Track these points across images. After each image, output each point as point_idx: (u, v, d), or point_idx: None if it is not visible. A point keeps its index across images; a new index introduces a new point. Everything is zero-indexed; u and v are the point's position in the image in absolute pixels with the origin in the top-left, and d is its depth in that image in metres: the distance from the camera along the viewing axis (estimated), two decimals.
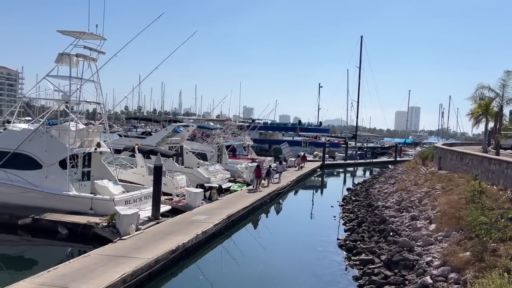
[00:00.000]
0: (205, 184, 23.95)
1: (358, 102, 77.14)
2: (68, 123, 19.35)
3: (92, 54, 19.52)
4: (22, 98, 24.21)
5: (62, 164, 18.27)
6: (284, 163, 37.07)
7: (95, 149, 19.94)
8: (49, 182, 18.03)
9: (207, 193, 22.76)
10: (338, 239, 17.74)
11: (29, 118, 30.41)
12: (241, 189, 27.43)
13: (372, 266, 13.27)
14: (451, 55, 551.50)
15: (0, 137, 19.69)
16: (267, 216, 24.06)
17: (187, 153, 29.84)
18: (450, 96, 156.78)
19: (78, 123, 20.14)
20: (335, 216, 23.02)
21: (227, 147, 36.30)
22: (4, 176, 18.36)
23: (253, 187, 26.99)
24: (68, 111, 19.90)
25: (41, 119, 19.89)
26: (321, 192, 37.60)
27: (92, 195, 18.26)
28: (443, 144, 39.52)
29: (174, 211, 19.64)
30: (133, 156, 25.51)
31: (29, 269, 12.64)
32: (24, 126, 20.19)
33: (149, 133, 38.59)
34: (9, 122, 28.14)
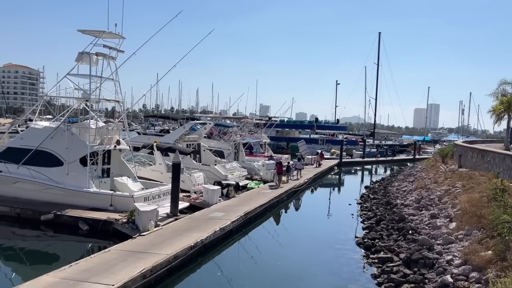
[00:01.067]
0: (222, 181, 24.07)
1: (376, 99, 76.49)
2: (88, 121, 19.68)
3: (112, 53, 19.76)
4: (43, 97, 24.67)
5: (83, 161, 18.60)
6: (301, 160, 37.16)
7: (115, 146, 20.22)
8: (70, 179, 18.38)
9: (225, 190, 22.88)
10: (356, 237, 17.61)
11: (50, 116, 31.02)
12: (258, 187, 27.47)
13: (391, 264, 13.14)
14: (472, 51, 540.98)
15: (23, 135, 20.12)
16: (284, 214, 24.04)
17: (204, 150, 30.01)
18: (470, 93, 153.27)
19: (98, 121, 20.44)
20: (352, 214, 22.87)
21: (244, 144, 36.41)
22: (27, 173, 18.77)
23: (275, 183, 27.41)
24: (88, 109, 20.22)
25: (61, 117, 20.26)
26: (339, 190, 37.37)
27: (112, 191, 18.53)
28: (463, 142, 38.81)
29: (192, 208, 19.80)
30: (151, 153, 25.82)
31: (51, 264, 12.94)
32: (46, 124, 20.58)
33: (167, 131, 38.88)
34: (31, 120, 28.75)
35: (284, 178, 28.55)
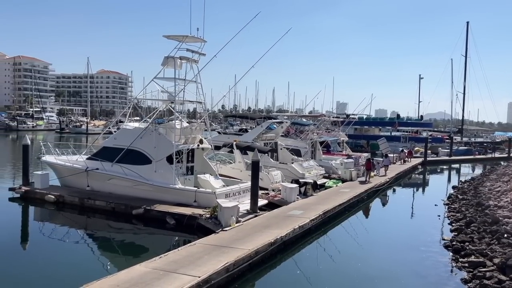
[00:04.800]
0: (300, 180, 24.07)
1: (464, 93, 71.86)
2: (173, 121, 20.80)
3: (194, 56, 20.67)
4: (133, 100, 26.53)
5: (169, 159, 19.72)
6: (387, 157, 36.37)
7: (198, 145, 21.16)
8: (158, 176, 19.59)
9: (302, 189, 22.87)
10: (443, 239, 16.67)
11: (138, 118, 33.25)
12: (336, 185, 27.06)
13: (484, 269, 12.25)
14: None
15: (116, 135, 21.80)
16: (364, 214, 23.39)
17: (281, 149, 30.24)
18: None
19: (182, 121, 21.51)
20: (439, 215, 21.63)
21: (321, 143, 36.05)
22: (120, 171, 20.35)
23: (365, 179, 29.26)
24: (174, 111, 21.36)
25: (149, 119, 21.64)
26: (423, 190, 35.49)
27: (195, 188, 19.42)
28: None
29: (271, 205, 20.07)
30: (231, 152, 26.60)
31: (143, 254, 13.94)
32: (136, 125, 22.11)
33: (246, 130, 39.80)
34: (122, 121, 31.05)
35: (372, 174, 30.30)
